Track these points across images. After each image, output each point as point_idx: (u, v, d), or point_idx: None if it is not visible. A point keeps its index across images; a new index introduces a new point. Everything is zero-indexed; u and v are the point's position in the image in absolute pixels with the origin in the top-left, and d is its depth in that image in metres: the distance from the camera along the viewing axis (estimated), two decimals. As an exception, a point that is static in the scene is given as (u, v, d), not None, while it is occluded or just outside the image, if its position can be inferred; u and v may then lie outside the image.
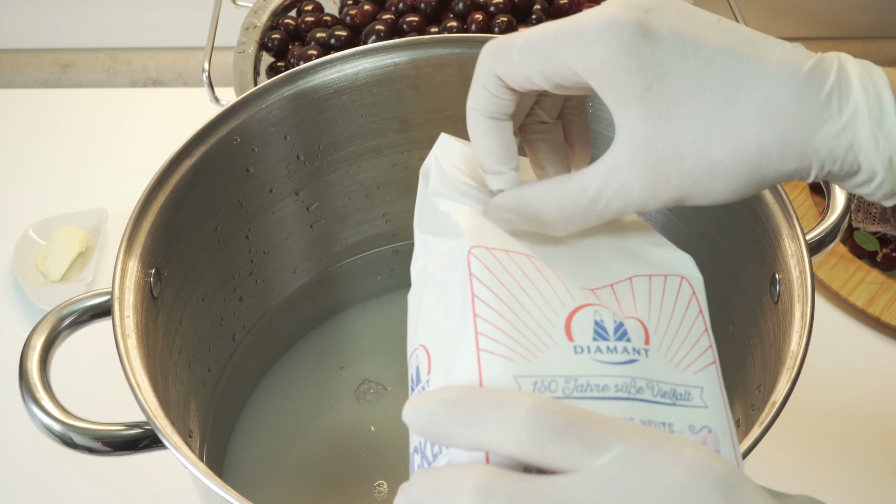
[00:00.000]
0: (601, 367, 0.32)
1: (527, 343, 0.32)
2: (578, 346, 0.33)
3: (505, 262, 0.34)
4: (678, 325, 0.35)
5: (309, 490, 0.63)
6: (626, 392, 0.32)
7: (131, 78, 1.10)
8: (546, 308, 0.33)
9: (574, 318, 0.33)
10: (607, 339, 0.33)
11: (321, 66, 0.60)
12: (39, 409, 0.47)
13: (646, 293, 0.36)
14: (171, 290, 0.55)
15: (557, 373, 0.32)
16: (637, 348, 0.33)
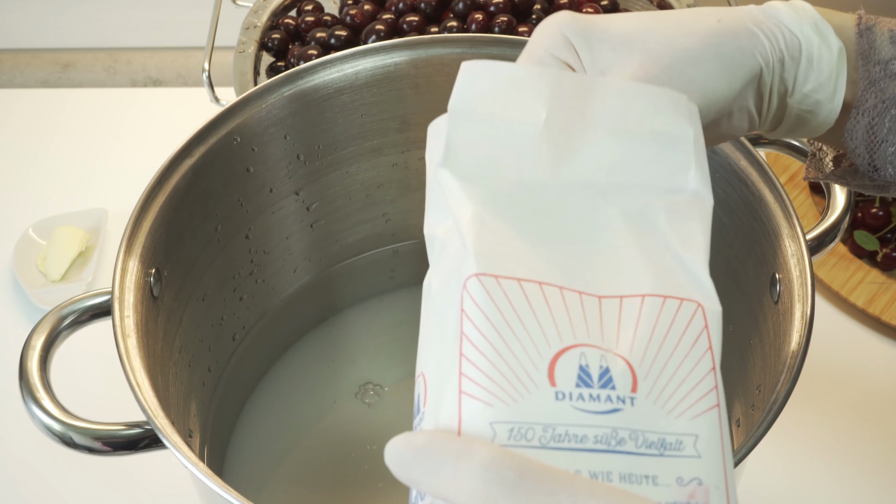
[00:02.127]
0: (581, 417, 0.31)
1: (508, 387, 0.31)
2: (560, 391, 0.31)
3: (502, 293, 0.33)
4: (678, 365, 0.33)
5: (309, 490, 0.63)
6: (606, 444, 0.31)
7: (131, 78, 1.10)
8: (532, 349, 0.32)
9: (559, 361, 0.32)
10: (591, 385, 0.31)
11: (321, 66, 0.60)
12: (39, 409, 0.47)
13: (652, 321, 0.33)
14: (172, 290, 0.55)
15: (536, 420, 0.31)
16: (622, 396, 0.32)
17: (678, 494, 0.31)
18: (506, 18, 0.77)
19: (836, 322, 0.77)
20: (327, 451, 0.65)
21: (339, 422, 0.66)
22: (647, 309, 0.34)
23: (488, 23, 0.77)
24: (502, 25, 0.77)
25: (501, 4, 0.78)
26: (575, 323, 0.33)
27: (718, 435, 0.32)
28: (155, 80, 1.10)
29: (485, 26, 0.77)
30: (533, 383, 0.31)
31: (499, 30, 0.77)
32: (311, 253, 0.68)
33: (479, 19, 0.77)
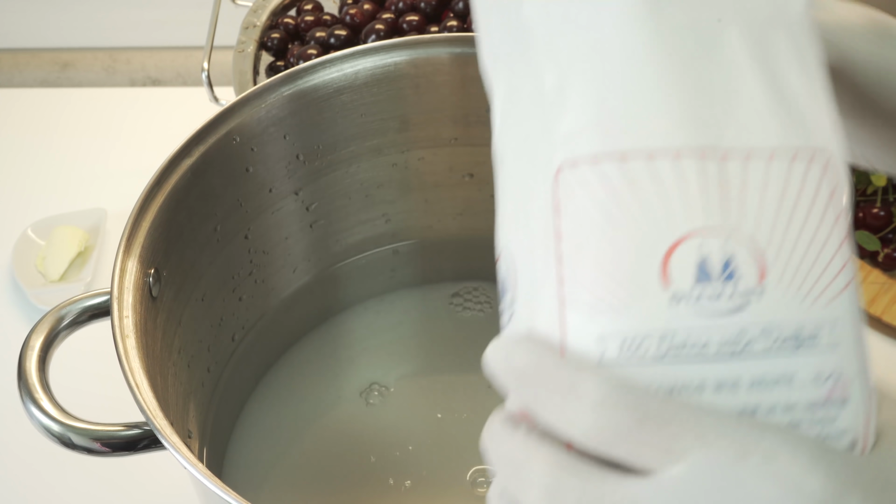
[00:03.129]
0: (703, 319, 0.27)
1: (616, 292, 0.27)
2: (676, 292, 0.27)
3: (602, 178, 0.28)
4: (812, 236, 0.28)
5: (309, 491, 0.63)
6: (733, 347, 0.27)
7: (130, 77, 1.10)
8: (642, 244, 0.27)
9: (673, 256, 0.27)
10: (712, 280, 0.27)
11: (321, 66, 0.60)
12: (38, 410, 0.47)
13: (782, 181, 0.28)
14: (171, 290, 0.55)
15: (650, 329, 0.27)
16: (749, 289, 0.27)
17: (816, 393, 0.28)
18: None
19: (837, 322, 0.77)
20: (327, 452, 0.65)
21: (339, 422, 0.66)
22: (776, 166, 0.28)
23: (488, 22, 0.77)
24: (502, 25, 0.77)
25: (501, 4, 0.78)
26: (691, 201, 0.27)
27: (855, 317, 0.29)
28: (154, 80, 1.10)
29: (485, 26, 0.77)
30: (644, 286, 0.27)
31: (499, 29, 0.76)
32: (311, 253, 0.68)
33: (479, 19, 0.77)
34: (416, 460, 0.64)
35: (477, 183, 0.68)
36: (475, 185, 0.68)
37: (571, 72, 0.29)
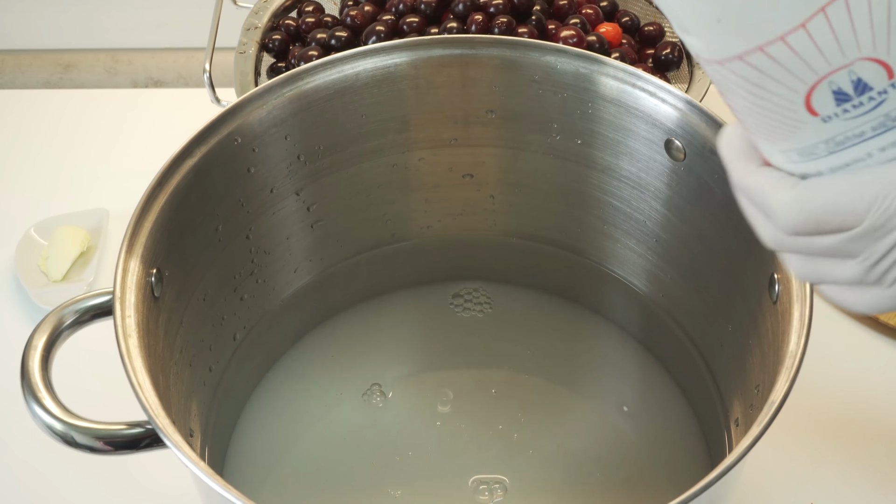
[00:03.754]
0: (853, 122, 0.34)
1: (778, 129, 0.35)
2: (825, 116, 0.34)
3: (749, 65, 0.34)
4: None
5: (309, 490, 0.63)
6: (884, 125, 0.34)
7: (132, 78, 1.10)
8: (787, 98, 0.34)
9: (813, 94, 0.34)
10: (850, 99, 0.34)
11: (322, 67, 0.61)
12: (41, 409, 0.47)
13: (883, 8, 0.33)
14: (173, 290, 0.55)
15: (814, 141, 0.35)
16: (882, 88, 0.34)
17: None
18: (505, 19, 0.77)
19: (835, 322, 0.77)
20: (328, 451, 0.65)
21: (340, 421, 0.66)
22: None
23: (488, 24, 0.77)
24: (502, 26, 0.77)
25: (501, 5, 0.78)
26: (823, 44, 0.33)
27: None
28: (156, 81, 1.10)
29: (485, 27, 0.77)
30: (798, 121, 0.35)
31: (498, 31, 0.77)
32: (312, 253, 0.68)
33: (478, 20, 0.77)
34: (416, 460, 0.64)
35: (477, 183, 0.69)
36: (475, 185, 0.69)
37: None
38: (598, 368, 0.69)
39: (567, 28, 0.77)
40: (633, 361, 0.69)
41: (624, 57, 0.77)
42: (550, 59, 0.61)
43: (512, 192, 0.69)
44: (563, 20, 0.81)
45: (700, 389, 0.64)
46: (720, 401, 0.61)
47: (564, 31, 0.76)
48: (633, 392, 0.68)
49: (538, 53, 0.61)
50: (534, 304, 0.72)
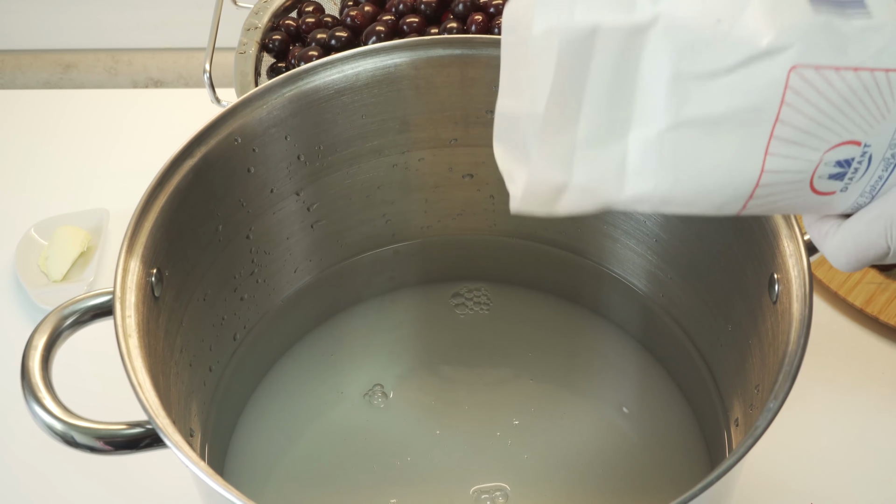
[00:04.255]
0: (864, 179, 0.39)
1: (821, 211, 0.42)
2: (841, 189, 0.40)
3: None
4: None
5: (310, 490, 0.63)
6: (888, 163, 0.39)
7: (132, 79, 1.10)
8: (800, 202, 0.40)
9: (817, 187, 0.39)
10: (845, 173, 0.39)
11: (322, 67, 0.61)
12: (41, 409, 0.47)
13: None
14: (173, 290, 0.55)
15: (851, 202, 0.41)
16: (861, 152, 0.38)
17: None
18: (506, 19, 0.77)
19: (835, 322, 0.77)
20: (329, 451, 0.65)
21: (340, 421, 0.66)
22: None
23: (488, 24, 0.78)
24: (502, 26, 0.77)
25: (501, 5, 0.78)
26: (786, 173, 0.38)
27: None
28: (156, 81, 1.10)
29: (485, 27, 0.77)
30: (825, 203, 0.40)
31: (498, 31, 0.77)
32: (312, 253, 0.68)
33: (478, 20, 0.77)
34: (417, 461, 0.64)
35: (477, 183, 0.69)
36: (475, 185, 0.69)
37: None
38: (597, 368, 0.69)
39: (567, 28, 0.77)
40: (633, 361, 0.69)
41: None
42: (550, 60, 0.61)
43: (512, 193, 0.69)
44: (563, 20, 0.81)
45: (700, 389, 0.64)
46: (720, 401, 0.61)
47: (564, 31, 0.76)
48: (633, 392, 0.68)
49: (538, 53, 0.61)
50: (534, 304, 0.72)
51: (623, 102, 0.38)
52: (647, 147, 0.38)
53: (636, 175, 0.39)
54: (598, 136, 0.38)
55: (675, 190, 0.39)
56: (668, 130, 0.37)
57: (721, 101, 0.37)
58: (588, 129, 0.38)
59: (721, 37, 0.36)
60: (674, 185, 0.39)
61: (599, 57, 0.36)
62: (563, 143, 0.38)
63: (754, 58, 0.36)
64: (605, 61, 0.37)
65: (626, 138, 0.38)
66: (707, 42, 0.36)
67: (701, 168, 0.38)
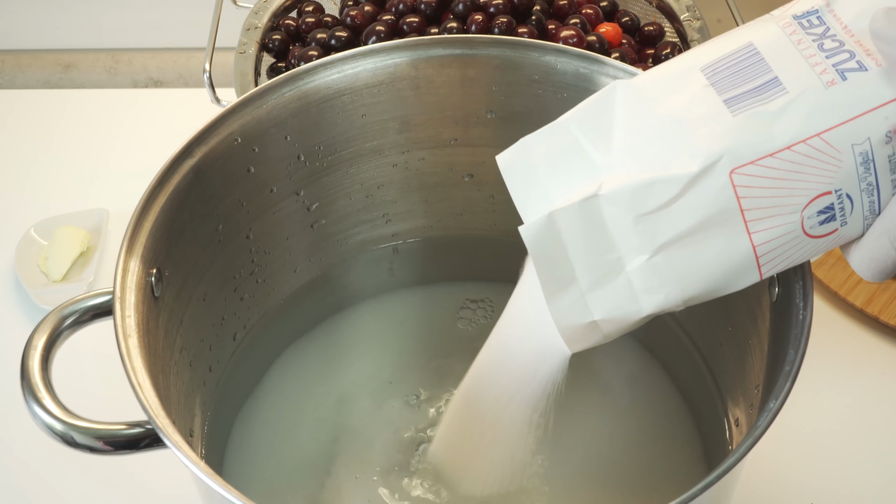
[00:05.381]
0: (860, 208, 0.42)
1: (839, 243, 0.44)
2: (840, 224, 0.42)
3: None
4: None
5: (310, 489, 0.63)
6: (872, 187, 0.41)
7: (132, 78, 1.10)
8: (807, 251, 0.43)
9: (812, 231, 0.42)
10: (833, 216, 0.42)
11: (322, 67, 0.61)
12: (41, 409, 0.47)
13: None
14: (173, 290, 0.55)
15: (863, 227, 0.43)
16: (836, 198, 0.41)
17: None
18: (505, 19, 0.77)
19: (835, 322, 0.77)
20: (329, 451, 0.65)
21: (341, 421, 0.66)
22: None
23: (488, 24, 0.77)
24: (502, 26, 0.77)
25: (501, 5, 0.78)
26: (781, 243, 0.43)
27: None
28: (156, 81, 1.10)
29: (484, 27, 0.77)
30: (839, 237, 0.43)
31: (498, 31, 0.77)
32: (312, 253, 0.68)
33: (478, 20, 0.77)
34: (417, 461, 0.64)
35: (477, 183, 0.69)
36: (475, 185, 0.69)
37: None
38: (597, 368, 0.69)
39: (567, 28, 0.77)
40: (632, 361, 0.69)
41: (624, 57, 0.77)
42: (550, 59, 0.61)
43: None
44: (563, 20, 0.81)
45: (700, 389, 0.64)
46: (720, 401, 0.61)
47: (564, 31, 0.76)
48: (633, 392, 0.68)
49: (538, 53, 0.61)
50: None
51: (607, 249, 0.44)
52: (644, 272, 0.44)
53: (646, 294, 0.45)
54: (599, 280, 0.45)
55: (686, 293, 0.45)
56: (653, 255, 0.43)
57: (685, 219, 0.42)
58: (587, 278, 0.45)
59: (660, 179, 0.42)
60: (683, 291, 0.44)
61: (565, 229, 0.44)
62: (571, 296, 0.45)
63: (693, 181, 0.41)
64: (573, 230, 0.44)
65: (625, 270, 0.44)
66: (648, 186, 0.42)
67: (699, 270, 0.44)
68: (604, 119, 0.44)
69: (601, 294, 0.45)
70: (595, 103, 0.45)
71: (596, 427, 0.65)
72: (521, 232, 0.44)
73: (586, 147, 0.44)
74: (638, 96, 0.44)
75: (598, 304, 0.45)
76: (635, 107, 0.44)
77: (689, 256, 0.43)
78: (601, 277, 0.45)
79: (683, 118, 0.42)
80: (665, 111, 0.43)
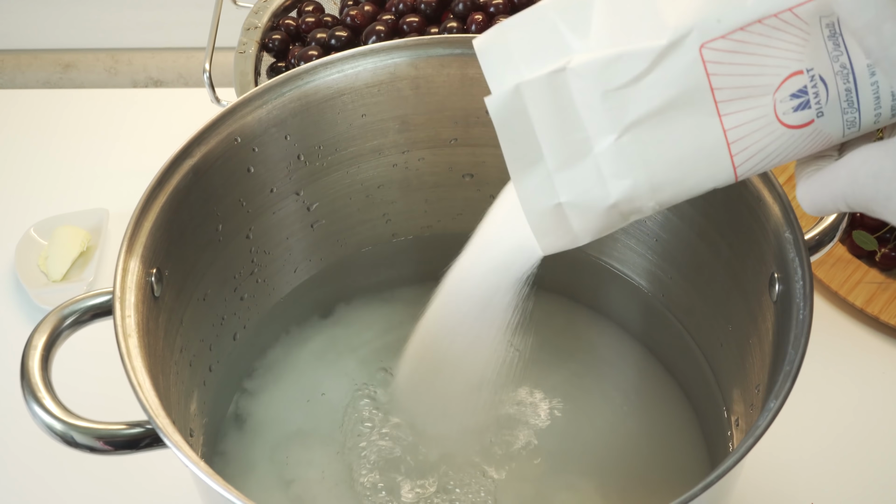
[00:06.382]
0: (835, 103, 0.40)
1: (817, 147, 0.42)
2: (818, 114, 0.40)
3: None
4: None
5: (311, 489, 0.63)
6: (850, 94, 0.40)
7: (132, 78, 1.10)
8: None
9: (783, 115, 0.40)
10: (806, 100, 0.40)
11: (322, 67, 0.61)
12: (41, 409, 0.47)
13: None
14: (172, 290, 0.55)
15: (841, 124, 0.40)
16: (811, 83, 0.39)
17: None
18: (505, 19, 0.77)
19: (835, 321, 0.77)
20: (329, 450, 0.65)
21: (341, 420, 0.66)
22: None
23: (488, 23, 0.78)
24: (502, 26, 0.77)
25: (501, 5, 0.78)
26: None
27: None
28: (156, 81, 1.10)
29: (485, 27, 0.77)
30: (818, 134, 0.41)
31: (499, 30, 0.77)
32: (312, 253, 0.68)
33: (478, 20, 0.77)
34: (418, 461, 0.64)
35: (477, 183, 0.69)
36: (475, 185, 0.69)
37: None
38: (598, 367, 0.69)
39: (567, 28, 0.77)
40: (633, 360, 0.69)
41: (624, 57, 0.77)
42: (550, 59, 0.61)
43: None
44: (563, 20, 0.81)
45: (701, 389, 0.64)
46: (721, 400, 0.61)
47: (564, 30, 0.76)
48: (633, 392, 0.68)
49: (538, 53, 0.61)
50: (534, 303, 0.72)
51: (575, 127, 0.42)
52: (612, 154, 0.42)
53: (614, 178, 0.43)
54: (566, 160, 0.43)
55: (655, 179, 0.43)
56: (621, 135, 0.42)
57: (654, 97, 0.41)
58: (554, 157, 0.43)
59: (628, 53, 0.41)
60: (651, 177, 0.42)
61: (532, 104, 0.42)
62: (538, 176, 0.44)
63: (662, 55, 0.40)
64: (539, 105, 0.42)
65: (592, 152, 0.43)
66: (616, 59, 0.41)
67: (668, 152, 0.42)
68: (583, 3, 0.43)
69: (568, 175, 0.44)
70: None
71: (596, 427, 0.65)
72: (487, 103, 0.43)
73: (563, 31, 0.43)
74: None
75: (565, 185, 0.44)
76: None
77: (657, 138, 0.42)
78: (568, 157, 0.43)
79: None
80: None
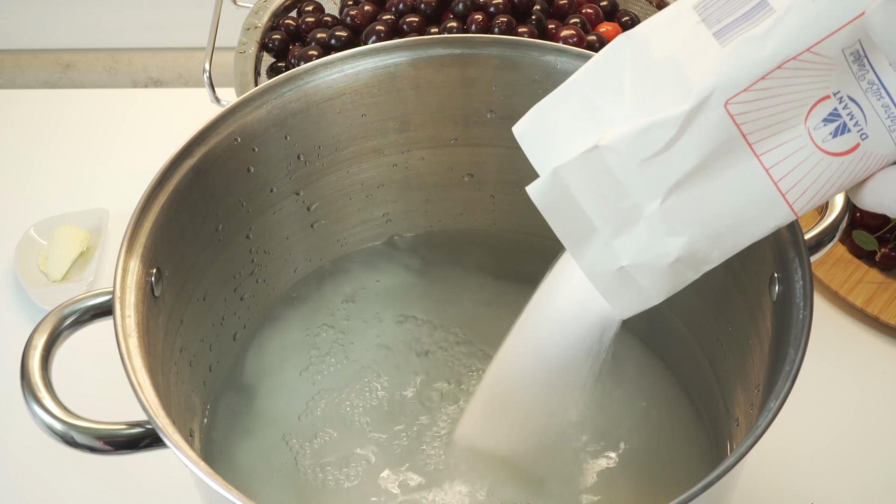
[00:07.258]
0: (865, 119, 0.40)
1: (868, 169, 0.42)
2: (858, 141, 0.41)
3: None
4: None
5: (311, 489, 0.63)
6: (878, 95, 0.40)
7: (132, 78, 1.10)
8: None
9: (817, 133, 0.40)
10: (843, 123, 0.40)
11: (322, 67, 0.61)
12: (41, 409, 0.47)
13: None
14: (172, 290, 0.55)
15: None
16: (842, 105, 0.40)
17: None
18: (505, 19, 0.77)
19: (835, 321, 0.77)
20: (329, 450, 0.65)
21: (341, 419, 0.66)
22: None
23: (488, 23, 0.78)
24: (502, 26, 0.77)
25: (501, 5, 0.78)
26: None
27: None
28: (156, 81, 1.10)
29: (485, 27, 0.77)
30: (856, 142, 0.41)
31: (498, 30, 0.77)
32: (312, 253, 0.68)
33: (478, 20, 0.77)
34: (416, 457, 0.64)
35: (477, 183, 0.69)
36: (475, 185, 0.69)
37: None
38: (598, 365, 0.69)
39: (567, 28, 0.77)
40: (634, 360, 0.69)
41: (624, 56, 0.77)
42: (550, 59, 0.61)
43: (512, 192, 0.69)
44: (563, 20, 0.81)
45: (702, 388, 0.64)
46: (722, 400, 0.61)
47: (564, 30, 0.76)
48: (634, 391, 0.68)
49: (538, 53, 0.61)
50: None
51: (621, 196, 0.44)
52: (662, 215, 0.43)
53: (669, 236, 0.44)
54: (620, 226, 0.44)
55: (708, 230, 0.43)
56: (666, 198, 0.43)
57: (690, 158, 0.42)
58: (608, 226, 0.45)
59: (656, 123, 0.42)
60: (705, 229, 0.43)
61: (573, 183, 0.44)
62: (596, 245, 0.45)
63: (689, 119, 0.41)
64: (581, 183, 0.44)
65: (644, 216, 0.44)
66: (646, 131, 0.42)
67: (716, 204, 0.43)
68: (613, 74, 0.44)
69: (625, 240, 0.45)
70: (602, 60, 0.45)
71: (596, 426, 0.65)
72: (529, 192, 0.45)
73: (599, 104, 0.44)
74: (640, 46, 0.44)
75: (625, 249, 0.45)
76: (639, 57, 0.43)
77: (702, 195, 0.43)
78: (622, 224, 0.44)
79: (678, 58, 0.42)
80: (663, 55, 0.42)
